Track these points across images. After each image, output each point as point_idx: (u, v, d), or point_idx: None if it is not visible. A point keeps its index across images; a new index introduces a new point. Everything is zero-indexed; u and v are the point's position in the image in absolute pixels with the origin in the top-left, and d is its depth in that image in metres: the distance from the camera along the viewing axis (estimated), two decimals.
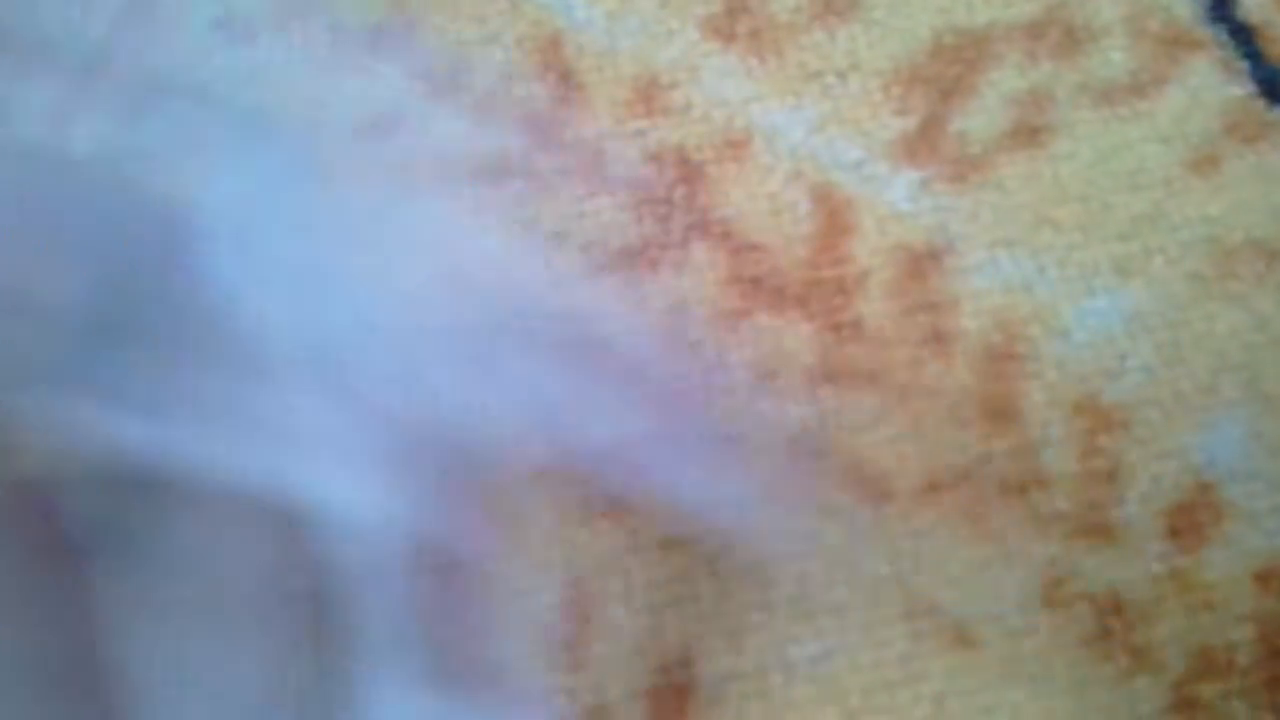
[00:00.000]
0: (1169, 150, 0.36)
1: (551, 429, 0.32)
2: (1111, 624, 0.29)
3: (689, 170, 0.36)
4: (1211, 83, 0.37)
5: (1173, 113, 0.37)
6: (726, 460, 0.31)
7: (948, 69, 0.38)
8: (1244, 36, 0.38)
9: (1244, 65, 0.38)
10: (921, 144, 0.36)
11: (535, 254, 0.34)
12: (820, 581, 0.30)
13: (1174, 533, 0.31)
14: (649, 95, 0.37)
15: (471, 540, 0.29)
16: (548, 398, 0.32)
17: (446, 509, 0.28)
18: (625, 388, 0.32)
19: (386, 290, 0.32)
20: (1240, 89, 0.37)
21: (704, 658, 0.29)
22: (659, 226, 0.35)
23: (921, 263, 0.34)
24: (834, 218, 0.35)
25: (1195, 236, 0.35)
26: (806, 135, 0.36)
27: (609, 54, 0.38)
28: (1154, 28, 0.38)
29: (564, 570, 0.30)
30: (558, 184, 0.36)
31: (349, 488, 0.26)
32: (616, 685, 0.29)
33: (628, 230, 0.35)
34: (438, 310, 0.32)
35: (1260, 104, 0.37)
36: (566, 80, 0.37)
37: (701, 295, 0.34)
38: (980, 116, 0.37)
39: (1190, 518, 0.31)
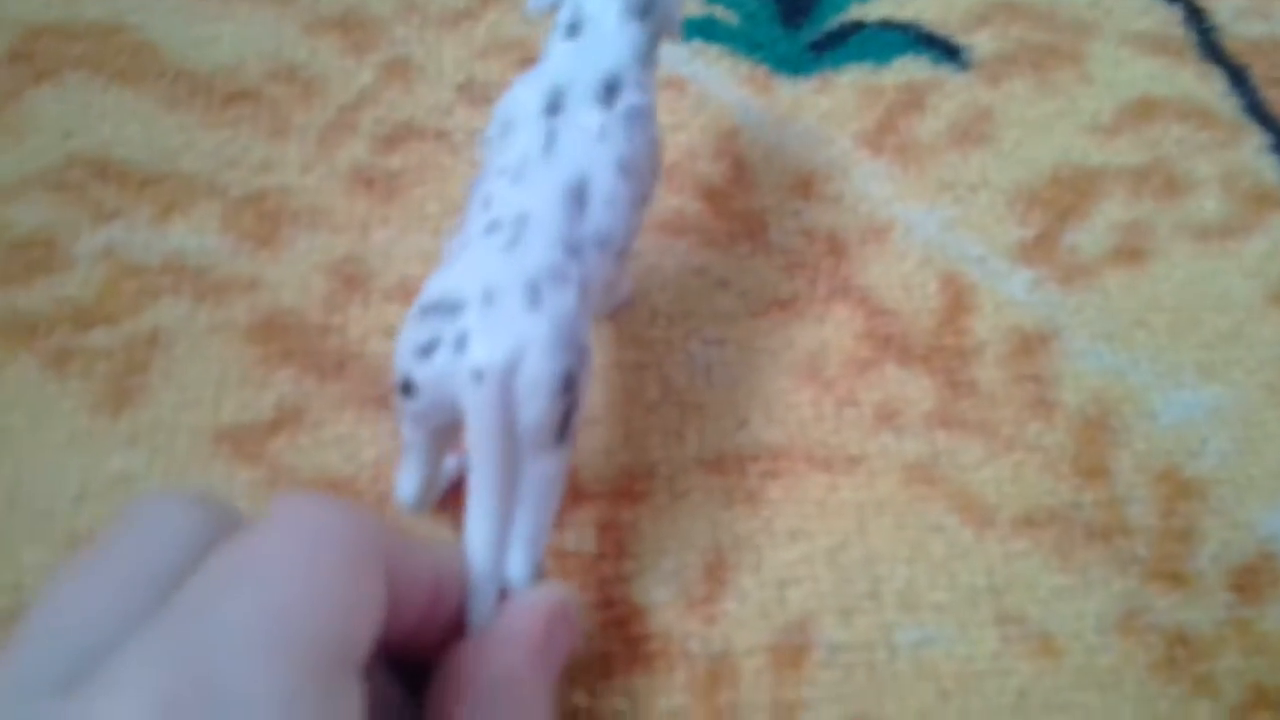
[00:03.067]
0: (1251, 284, 0.42)
1: (705, 430, 0.37)
2: (1178, 654, 0.34)
3: (836, 245, 0.42)
4: None
5: (1257, 254, 0.43)
6: (848, 475, 0.37)
7: (1063, 195, 0.44)
8: None
9: None
10: (1037, 250, 0.42)
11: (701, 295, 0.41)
12: (924, 583, 0.35)
13: (1238, 588, 0.35)
14: (807, 184, 0.44)
15: None
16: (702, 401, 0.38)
17: None
18: (768, 407, 0.38)
19: None
20: None
21: (819, 628, 0.34)
22: (807, 286, 0.41)
23: (1031, 343, 0.40)
24: (958, 298, 0.41)
25: (1270, 355, 0.40)
26: (939, 232, 0.43)
27: (776, 149, 0.45)
28: (1244, 186, 0.45)
29: (708, 540, 0.35)
30: (725, 243, 0.42)
31: None
32: (744, 638, 0.33)
33: (780, 286, 0.41)
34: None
35: None
36: (739, 165, 0.44)
37: (840, 344, 0.40)
38: (1089, 235, 0.43)
39: (1253, 578, 0.35)
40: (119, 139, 0.43)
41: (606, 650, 0.33)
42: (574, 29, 0.33)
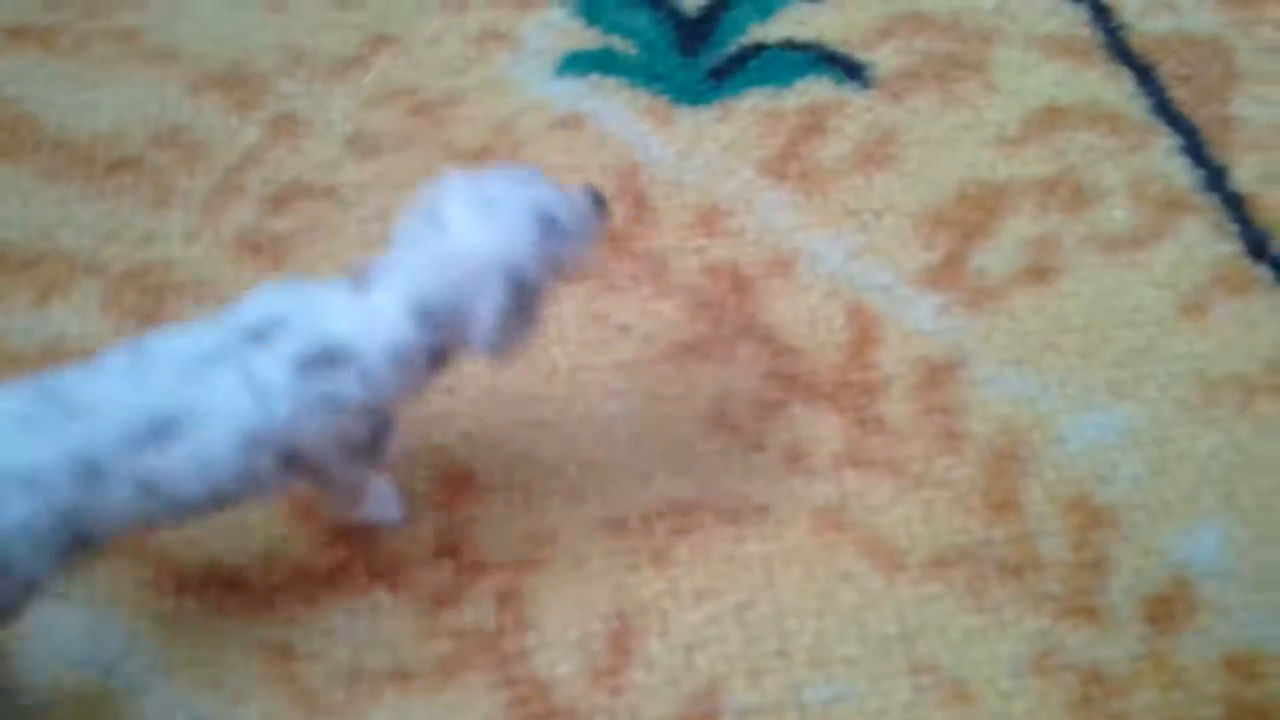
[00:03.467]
0: (1163, 295, 0.41)
1: (608, 489, 0.36)
2: (1093, 693, 0.33)
3: (740, 282, 0.41)
4: (1203, 240, 0.43)
5: (1168, 264, 0.42)
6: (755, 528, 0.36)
7: (970, 214, 0.43)
8: (1235, 203, 0.44)
9: (1234, 228, 0.43)
10: (944, 274, 0.42)
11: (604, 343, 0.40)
12: (834, 636, 0.34)
13: (1152, 619, 0.34)
14: (709, 219, 0.43)
15: None
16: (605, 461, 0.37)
17: None
18: (674, 459, 0.37)
19: None
20: (1229, 247, 0.42)
21: (728, 692, 0.33)
22: (711, 327, 0.40)
23: (939, 373, 0.39)
24: (864, 330, 0.40)
25: (1183, 369, 0.40)
26: (844, 261, 0.42)
27: (677, 184, 0.44)
28: (1153, 192, 0.44)
29: (613, 606, 0.34)
30: (626, 285, 0.41)
31: None
32: (651, 709, 0.32)
33: (684, 328, 0.40)
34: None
35: (1246, 261, 0.42)
36: (640, 203, 0.43)
37: (746, 386, 0.39)
38: (996, 255, 0.42)
39: (1168, 607, 0.35)
40: None
41: None
42: (363, 280, 0.29)
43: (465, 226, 0.29)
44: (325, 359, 0.28)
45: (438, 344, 0.29)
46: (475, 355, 0.30)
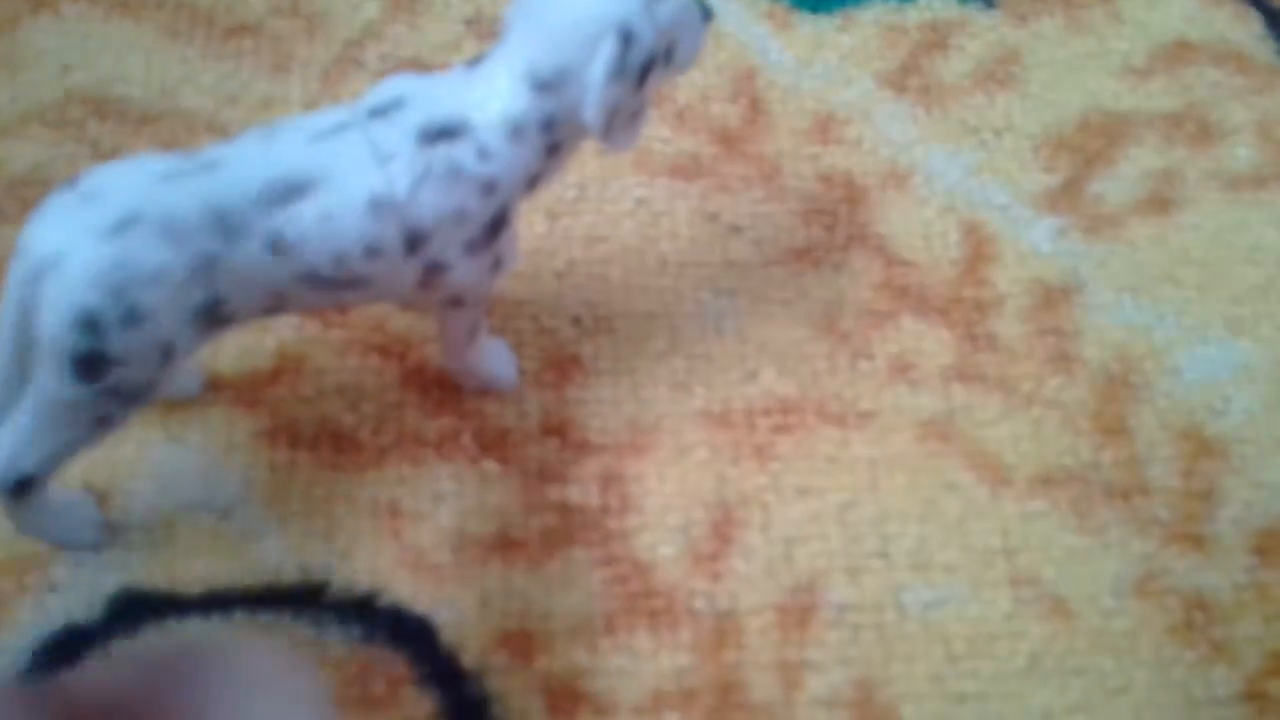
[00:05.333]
0: None
1: (714, 382, 0.36)
2: (1195, 618, 0.33)
3: (855, 192, 0.41)
4: None
5: None
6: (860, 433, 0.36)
7: (1091, 141, 0.42)
8: None
9: None
10: (1063, 198, 0.41)
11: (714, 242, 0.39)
12: (936, 542, 0.34)
13: (1259, 551, 0.34)
14: (825, 127, 0.42)
15: None
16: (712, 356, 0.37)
17: None
18: (780, 359, 0.37)
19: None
20: None
21: (827, 587, 0.33)
22: (824, 234, 0.40)
23: (1053, 295, 0.39)
24: (979, 248, 0.40)
25: None
26: (962, 177, 0.41)
27: (794, 90, 0.43)
28: (1278, 133, 0.43)
29: (715, 496, 0.34)
30: (739, 187, 0.41)
31: None
32: (750, 597, 0.33)
33: (796, 233, 0.40)
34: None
35: None
36: (755, 106, 0.43)
37: (856, 295, 0.39)
38: (1117, 183, 0.41)
39: (1275, 541, 0.34)
40: (118, 74, 0.42)
41: (608, 608, 0.32)
42: (549, 85, 0.29)
43: None
44: (443, 131, 0.28)
45: (549, 111, 0.29)
46: (588, 134, 0.29)
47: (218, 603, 0.32)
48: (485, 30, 0.44)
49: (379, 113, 0.29)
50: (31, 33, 0.43)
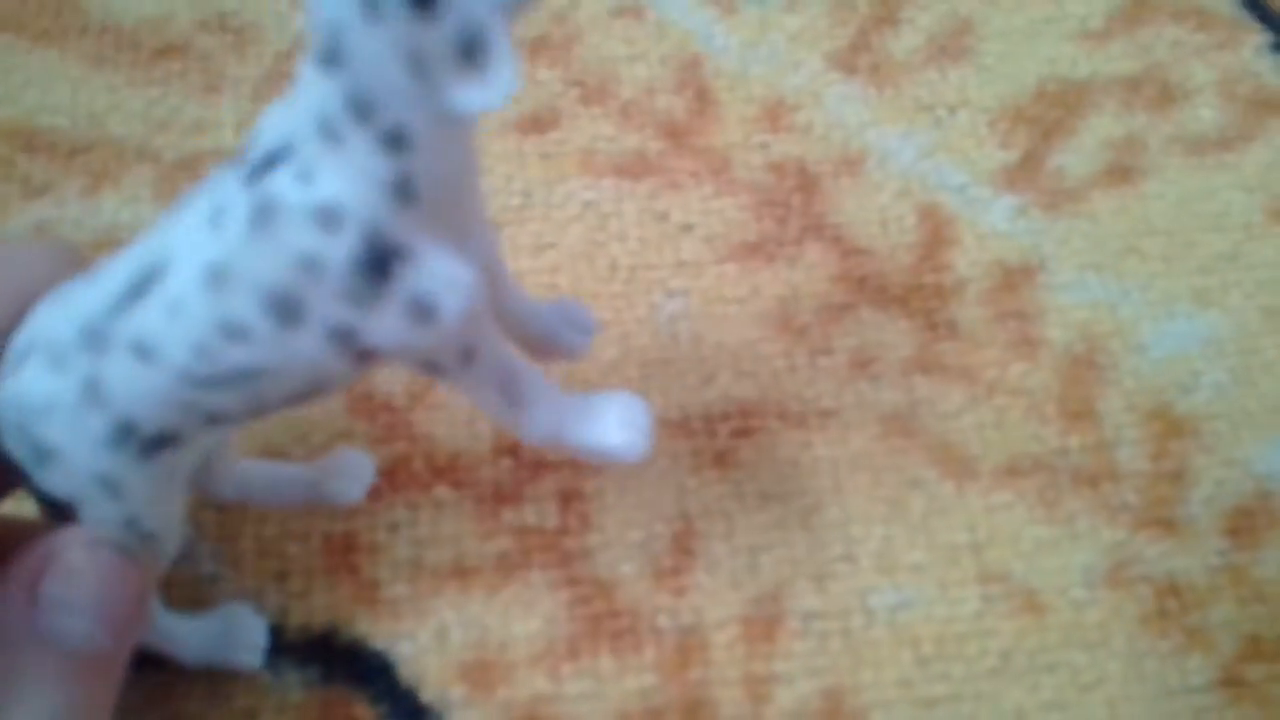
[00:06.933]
0: (1252, 199, 0.39)
1: (669, 389, 0.35)
2: (1169, 605, 0.32)
3: (807, 180, 0.40)
4: None
5: (1257, 166, 0.40)
6: (823, 432, 0.35)
7: (1050, 111, 0.41)
8: None
9: None
10: (1021, 175, 0.40)
11: (665, 241, 0.38)
12: (902, 542, 0.33)
13: (1232, 532, 0.33)
14: (775, 114, 0.41)
15: None
16: (670, 361, 0.36)
17: None
18: (737, 361, 0.36)
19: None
20: None
21: (792, 596, 0.32)
22: (777, 226, 0.39)
23: (1014, 277, 0.38)
24: (937, 232, 0.39)
25: (1271, 276, 0.38)
26: (916, 159, 0.40)
27: (741, 77, 0.42)
28: (1243, 91, 0.42)
29: (676, 508, 0.34)
30: (688, 183, 0.40)
31: None
32: (715, 611, 0.32)
33: (748, 227, 0.39)
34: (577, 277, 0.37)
35: None
36: (702, 96, 0.42)
37: (812, 288, 0.38)
38: (1077, 155, 0.40)
39: (1249, 520, 0.33)
40: (45, 104, 0.41)
41: (570, 631, 0.32)
42: (331, 56, 0.20)
43: None
44: (266, 161, 0.21)
45: (349, 89, 0.20)
46: (434, 107, 0.20)
47: None
48: None
49: (236, 160, 0.21)
50: None
